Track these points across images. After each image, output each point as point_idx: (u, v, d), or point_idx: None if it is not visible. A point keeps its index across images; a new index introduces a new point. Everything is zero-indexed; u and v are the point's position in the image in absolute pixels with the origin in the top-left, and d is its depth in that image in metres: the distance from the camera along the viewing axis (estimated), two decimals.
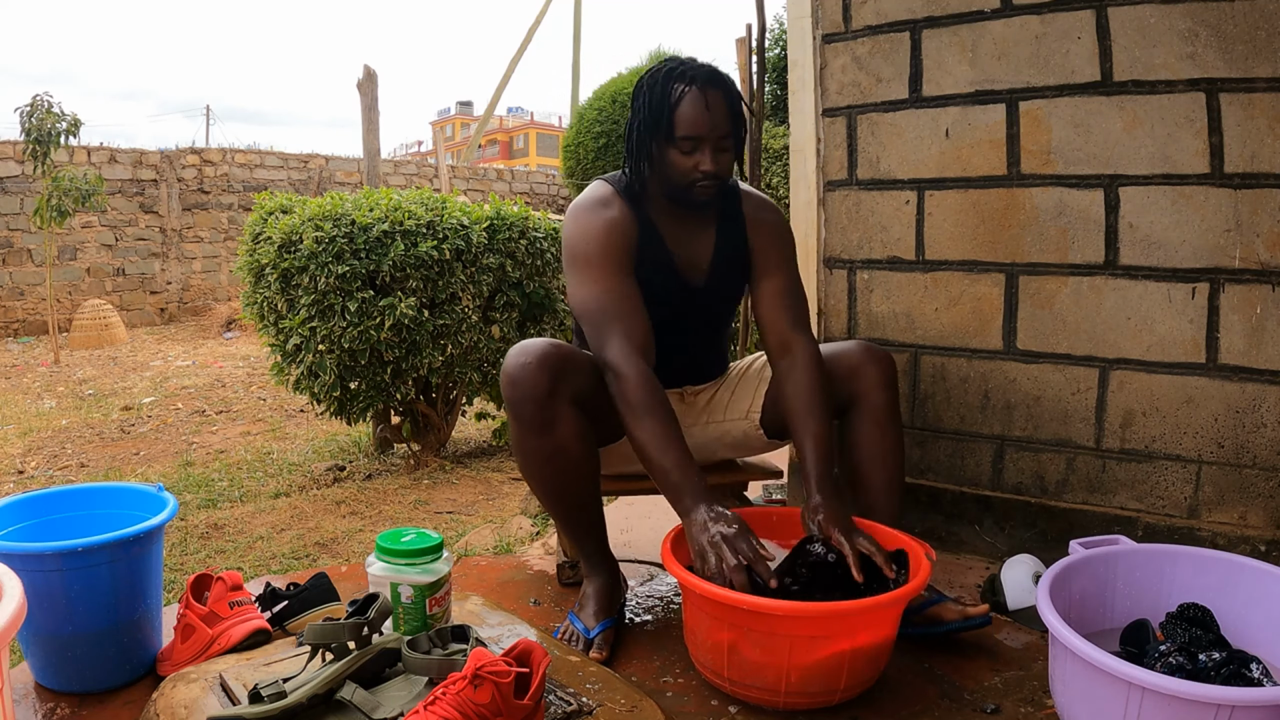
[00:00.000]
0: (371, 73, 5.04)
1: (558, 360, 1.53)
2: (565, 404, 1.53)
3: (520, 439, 1.56)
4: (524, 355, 1.52)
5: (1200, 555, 1.50)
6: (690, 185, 1.59)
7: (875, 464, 1.67)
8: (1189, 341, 1.83)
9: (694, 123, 1.54)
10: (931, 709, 1.43)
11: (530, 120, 52.05)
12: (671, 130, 1.55)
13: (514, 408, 1.54)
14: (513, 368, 1.53)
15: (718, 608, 1.39)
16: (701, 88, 1.54)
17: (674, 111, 1.55)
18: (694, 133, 1.54)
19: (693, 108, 1.54)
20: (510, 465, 3.47)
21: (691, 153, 1.56)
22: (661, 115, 1.56)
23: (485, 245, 3.20)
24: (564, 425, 1.54)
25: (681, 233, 1.71)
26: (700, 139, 1.55)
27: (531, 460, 1.57)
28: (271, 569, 2.29)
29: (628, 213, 1.65)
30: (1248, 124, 1.72)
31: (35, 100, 6.82)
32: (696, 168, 1.56)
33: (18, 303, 8.89)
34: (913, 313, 2.14)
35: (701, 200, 1.62)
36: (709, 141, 1.55)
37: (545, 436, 1.53)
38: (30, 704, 1.47)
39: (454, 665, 1.21)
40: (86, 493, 1.69)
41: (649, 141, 1.60)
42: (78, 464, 3.88)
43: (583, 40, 13.96)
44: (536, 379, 1.50)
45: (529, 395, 1.51)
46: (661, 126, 1.56)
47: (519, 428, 1.55)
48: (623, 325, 1.55)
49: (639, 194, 1.68)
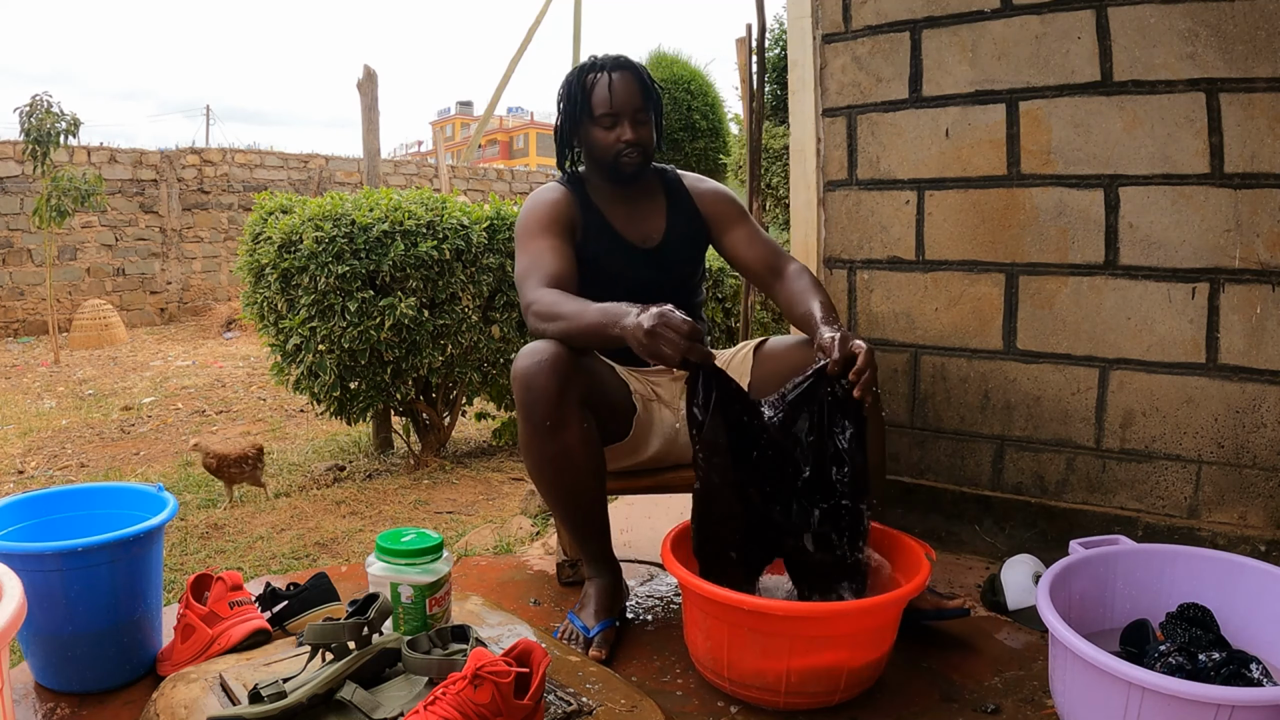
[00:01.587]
0: (371, 73, 5.04)
1: (569, 362, 1.54)
2: (575, 406, 1.55)
3: (529, 439, 1.57)
4: (536, 356, 1.54)
5: (1200, 555, 1.51)
6: (617, 156, 1.76)
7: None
8: (1189, 341, 1.83)
9: (608, 100, 1.74)
10: (931, 709, 1.44)
11: (530, 120, 52.04)
12: (591, 110, 1.76)
13: (525, 408, 1.55)
14: (525, 368, 1.54)
15: (717, 607, 1.39)
16: (610, 71, 1.75)
17: (591, 95, 1.76)
18: (610, 109, 1.74)
19: (605, 88, 1.74)
20: (510, 465, 3.47)
21: (612, 127, 1.75)
22: (580, 101, 1.77)
23: (485, 245, 3.20)
24: (573, 427, 1.55)
25: (627, 212, 1.84)
26: (617, 114, 1.74)
27: (539, 460, 1.58)
28: (271, 569, 2.29)
29: (568, 195, 1.81)
30: (1248, 124, 1.72)
31: (35, 100, 6.81)
32: (619, 139, 1.75)
33: (18, 303, 8.89)
34: (913, 313, 2.14)
35: (629, 171, 1.77)
36: (625, 115, 1.74)
37: (554, 437, 1.54)
38: (30, 704, 1.47)
39: (454, 665, 1.21)
40: (86, 493, 1.69)
41: (576, 126, 1.79)
42: (78, 464, 3.88)
43: (583, 40, 13.94)
44: (549, 380, 1.52)
45: (540, 397, 1.52)
46: (582, 110, 1.77)
47: (529, 428, 1.56)
48: (540, 271, 1.67)
49: (580, 184, 1.85)
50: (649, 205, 1.86)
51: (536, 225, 1.75)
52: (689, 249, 1.88)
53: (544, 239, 1.73)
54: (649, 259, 1.82)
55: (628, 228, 1.83)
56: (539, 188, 1.89)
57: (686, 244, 1.87)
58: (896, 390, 2.18)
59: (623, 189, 1.83)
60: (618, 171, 1.78)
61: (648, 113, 1.78)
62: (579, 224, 1.79)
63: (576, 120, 1.79)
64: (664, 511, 2.38)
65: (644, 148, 1.77)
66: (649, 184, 1.88)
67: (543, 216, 1.76)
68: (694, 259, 1.90)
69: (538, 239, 1.73)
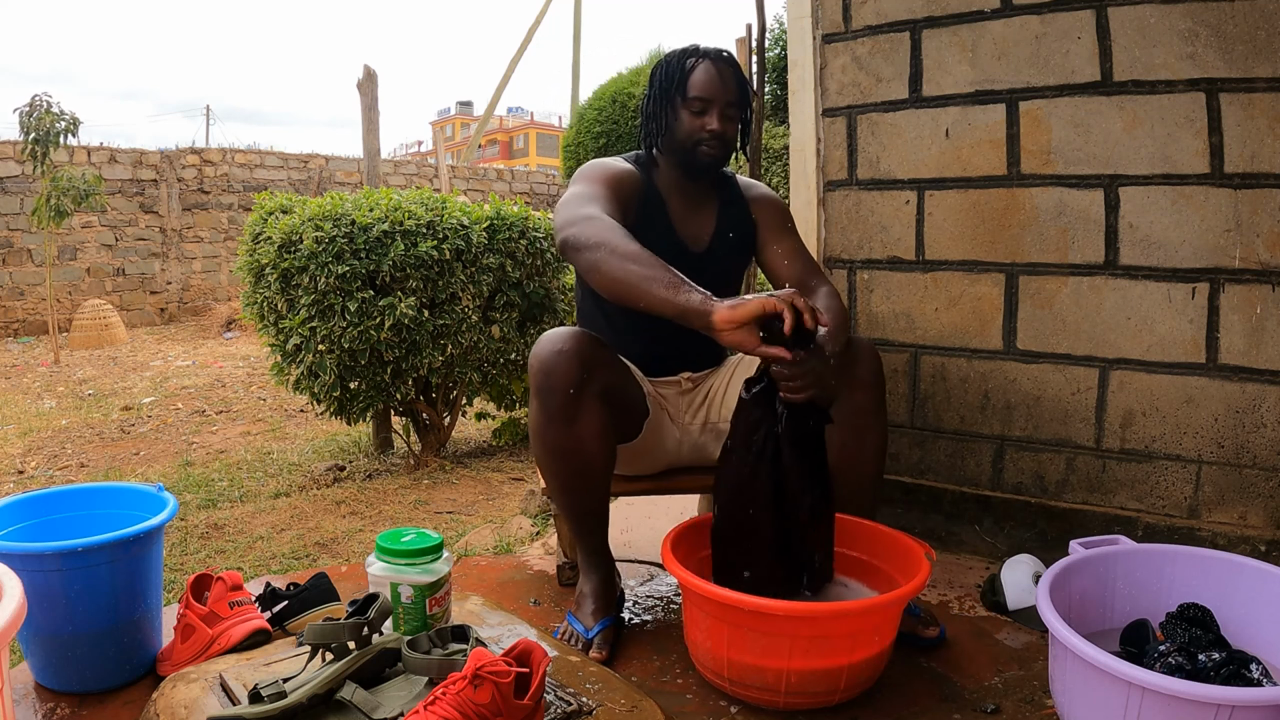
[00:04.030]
0: (371, 73, 5.03)
1: (592, 352, 1.52)
2: (593, 398, 1.52)
3: (542, 428, 1.55)
4: (558, 343, 1.51)
5: (1200, 555, 1.50)
6: (697, 145, 1.71)
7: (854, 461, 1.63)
8: (1189, 341, 1.83)
9: (704, 85, 1.69)
10: (931, 709, 1.44)
11: (530, 120, 52.04)
12: (685, 91, 1.70)
13: (542, 396, 1.52)
14: (546, 355, 1.51)
15: (717, 607, 1.39)
16: (713, 60, 1.71)
17: (688, 77, 1.71)
18: (704, 94, 1.69)
19: (704, 74, 1.70)
20: (510, 465, 3.47)
21: (701, 114, 1.70)
22: (675, 80, 1.71)
23: (485, 245, 3.20)
24: (588, 419, 1.53)
25: (685, 206, 1.79)
26: (709, 100, 1.69)
27: (550, 450, 1.56)
28: (271, 569, 2.29)
29: (636, 175, 1.75)
30: (1248, 124, 1.72)
31: (35, 100, 6.81)
32: (704, 128, 1.70)
33: (18, 303, 8.89)
34: (913, 313, 2.13)
35: (705, 161, 1.72)
36: (717, 104, 1.69)
37: (569, 429, 1.52)
38: (30, 704, 1.46)
39: (454, 665, 1.21)
40: (86, 493, 1.69)
41: (664, 105, 1.74)
42: (78, 464, 3.88)
43: (583, 40, 13.96)
44: (569, 369, 1.49)
45: (559, 385, 1.50)
46: (676, 89, 1.72)
47: (543, 417, 1.53)
48: (595, 203, 1.55)
49: (648, 166, 1.79)
50: (705, 204, 1.81)
51: (601, 178, 1.66)
52: (735, 254, 1.83)
53: (605, 188, 1.63)
54: (695, 260, 1.75)
55: (683, 224, 1.78)
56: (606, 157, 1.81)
57: (733, 249, 1.82)
58: (896, 390, 2.18)
59: (690, 181, 1.78)
60: (694, 161, 1.72)
61: (739, 110, 1.73)
62: (637, 200, 1.72)
63: (668, 99, 1.73)
64: (664, 511, 2.38)
65: (726, 143, 1.72)
66: (709, 183, 1.83)
67: (610, 177, 1.68)
68: (739, 265, 1.86)
69: (598, 186, 1.63)
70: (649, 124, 1.78)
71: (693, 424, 1.83)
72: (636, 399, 1.72)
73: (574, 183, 1.69)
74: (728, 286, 1.85)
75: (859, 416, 1.60)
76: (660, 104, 1.74)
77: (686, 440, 1.83)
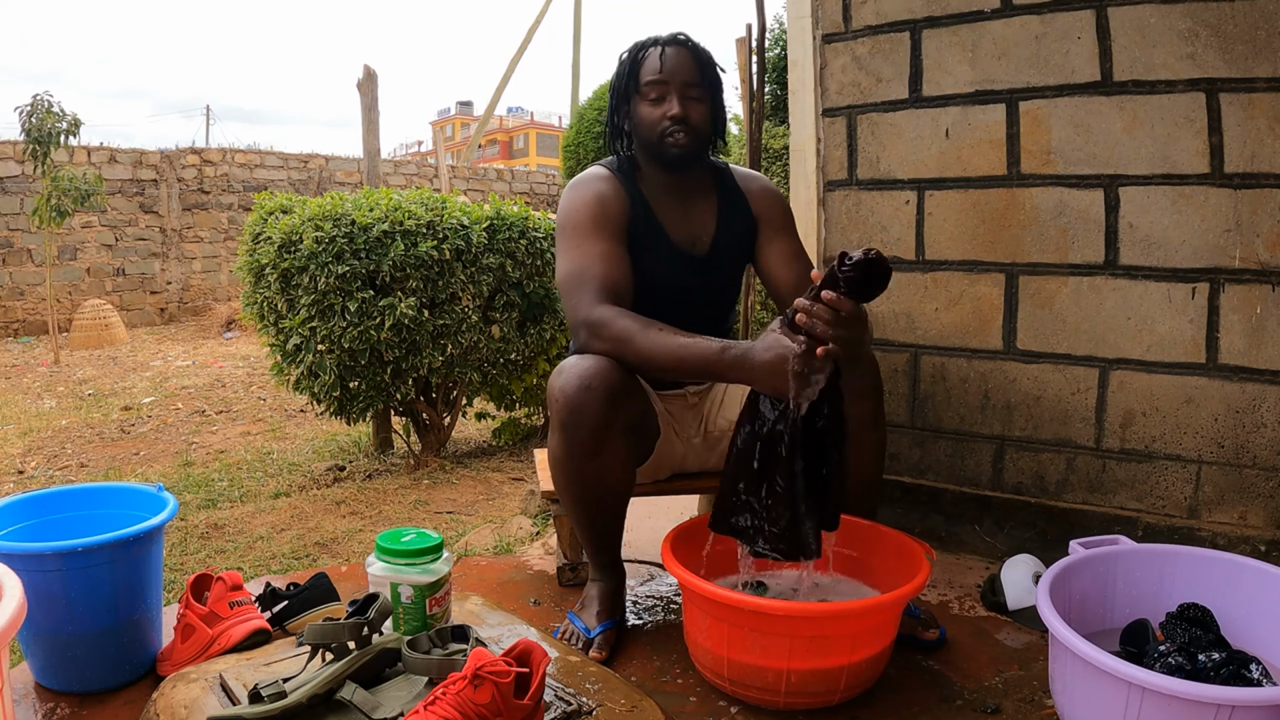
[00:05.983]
0: (371, 73, 5.03)
1: (621, 389, 1.48)
2: (619, 434, 1.51)
3: (565, 458, 1.52)
4: (586, 378, 1.45)
5: (1200, 555, 1.50)
6: (662, 135, 1.62)
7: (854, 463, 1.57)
8: (1189, 341, 1.83)
9: (656, 70, 1.61)
10: (931, 709, 1.43)
11: (530, 120, 52.03)
12: (637, 83, 1.64)
13: (567, 431, 1.48)
14: (573, 391, 1.45)
15: (717, 607, 1.39)
16: (663, 45, 1.64)
17: (640, 66, 1.64)
18: (655, 78, 1.61)
19: (655, 59, 1.62)
20: (510, 465, 3.47)
21: (659, 101, 1.62)
22: (628, 74, 1.65)
23: (485, 245, 3.20)
24: (613, 452, 1.52)
25: (677, 207, 1.71)
26: (664, 83, 1.61)
27: (574, 480, 1.55)
28: (271, 569, 2.29)
29: (618, 187, 1.67)
30: (1248, 124, 1.72)
31: (35, 100, 6.81)
32: (665, 115, 1.61)
33: (18, 303, 8.89)
34: (913, 313, 2.13)
35: (675, 152, 1.63)
36: (673, 86, 1.61)
37: (593, 461, 1.51)
38: (30, 704, 1.46)
39: (454, 665, 1.21)
40: (86, 493, 1.69)
41: (623, 103, 1.67)
42: (78, 464, 3.88)
43: (583, 40, 13.95)
44: (598, 409, 1.45)
45: (586, 422, 1.46)
46: (629, 83, 1.65)
47: (567, 449, 1.51)
48: (596, 281, 1.53)
49: (631, 172, 1.71)
50: (701, 203, 1.73)
51: (587, 223, 1.59)
52: (738, 255, 1.76)
53: (595, 241, 1.57)
54: (697, 265, 1.71)
55: (678, 228, 1.70)
56: (585, 171, 1.72)
57: (736, 249, 1.75)
58: (896, 390, 2.18)
59: (675, 179, 1.69)
60: (664, 153, 1.63)
61: (702, 90, 1.63)
62: (626, 217, 1.64)
63: (625, 96, 1.66)
64: (664, 511, 2.38)
65: (692, 128, 1.61)
66: (702, 179, 1.74)
67: (593, 214, 1.60)
68: (742, 266, 1.80)
69: (588, 240, 1.57)
70: (611, 127, 1.71)
71: (695, 437, 1.84)
72: (653, 425, 1.71)
73: (560, 237, 1.62)
74: (732, 287, 1.84)
75: (859, 424, 1.57)
76: (619, 102, 1.67)
77: (690, 452, 1.84)
